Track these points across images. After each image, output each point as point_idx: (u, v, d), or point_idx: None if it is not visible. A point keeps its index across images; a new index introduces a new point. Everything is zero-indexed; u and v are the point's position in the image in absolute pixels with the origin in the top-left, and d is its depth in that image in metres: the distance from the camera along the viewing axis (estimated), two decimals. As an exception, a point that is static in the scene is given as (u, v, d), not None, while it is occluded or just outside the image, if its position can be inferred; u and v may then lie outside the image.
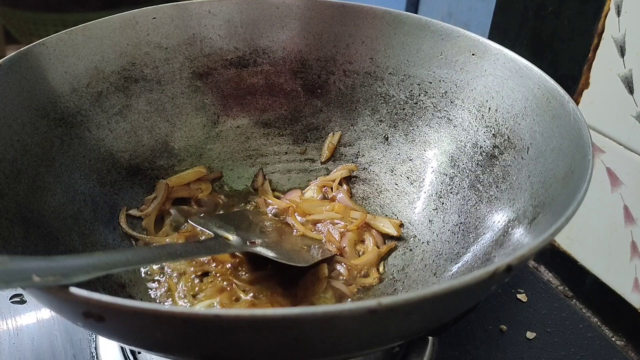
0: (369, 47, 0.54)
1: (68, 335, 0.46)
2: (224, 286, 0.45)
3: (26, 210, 0.38)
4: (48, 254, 0.38)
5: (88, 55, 0.48)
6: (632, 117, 0.49)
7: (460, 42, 0.49)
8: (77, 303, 0.23)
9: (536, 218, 0.36)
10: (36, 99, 0.43)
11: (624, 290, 0.53)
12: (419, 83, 0.52)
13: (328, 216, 0.52)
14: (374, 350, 0.39)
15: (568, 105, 0.38)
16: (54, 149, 0.44)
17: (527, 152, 0.41)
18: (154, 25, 0.52)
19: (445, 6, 0.81)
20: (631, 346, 0.53)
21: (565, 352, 0.47)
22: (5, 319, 0.48)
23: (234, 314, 0.22)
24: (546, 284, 0.55)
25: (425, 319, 0.27)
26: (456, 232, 0.45)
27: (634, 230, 0.51)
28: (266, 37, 0.55)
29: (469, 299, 0.29)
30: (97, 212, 0.46)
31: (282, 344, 0.25)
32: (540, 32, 0.57)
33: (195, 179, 0.54)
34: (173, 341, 0.26)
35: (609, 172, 0.53)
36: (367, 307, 0.22)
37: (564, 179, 0.35)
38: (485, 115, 0.46)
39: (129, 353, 0.44)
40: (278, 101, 0.57)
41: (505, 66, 0.45)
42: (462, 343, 0.47)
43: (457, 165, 0.48)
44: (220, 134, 0.57)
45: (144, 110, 0.52)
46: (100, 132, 0.49)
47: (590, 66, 0.53)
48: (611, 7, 0.49)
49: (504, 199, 0.42)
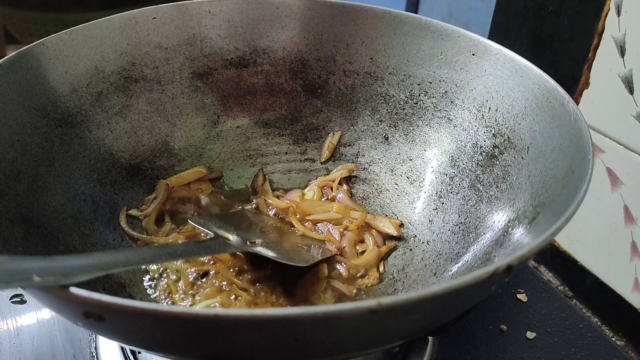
0: (369, 47, 0.54)
1: (68, 335, 0.46)
2: (223, 286, 0.45)
3: (26, 210, 0.38)
4: (48, 254, 0.38)
5: (88, 55, 0.48)
6: (632, 117, 0.49)
7: (461, 42, 0.49)
8: (77, 303, 0.23)
9: (536, 218, 0.36)
10: (36, 98, 0.43)
11: (624, 290, 0.53)
12: (419, 83, 0.52)
13: (328, 216, 0.52)
14: (374, 350, 0.39)
15: (568, 105, 0.38)
16: (54, 148, 0.44)
17: (527, 152, 0.41)
18: (154, 25, 0.52)
19: (445, 6, 0.81)
20: (631, 346, 0.53)
21: (565, 352, 0.47)
22: (5, 319, 0.48)
23: (234, 314, 0.22)
24: (546, 284, 0.55)
25: (425, 318, 0.27)
26: (456, 232, 0.45)
27: (634, 230, 0.51)
28: (266, 37, 0.55)
29: (469, 299, 0.29)
30: (97, 212, 0.46)
31: (282, 344, 0.25)
32: (540, 32, 0.57)
33: (195, 179, 0.54)
34: (173, 341, 0.26)
35: (609, 172, 0.53)
36: (367, 307, 0.22)
37: (564, 179, 0.35)
38: (486, 115, 0.46)
39: (129, 353, 0.44)
40: (278, 101, 0.57)
41: (505, 66, 0.45)
42: (462, 343, 0.47)
43: (457, 165, 0.48)
44: (221, 134, 0.57)
45: (144, 110, 0.52)
46: (101, 132, 0.49)
47: (590, 66, 0.53)
48: (611, 7, 0.49)
49: (504, 198, 0.42)
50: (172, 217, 0.51)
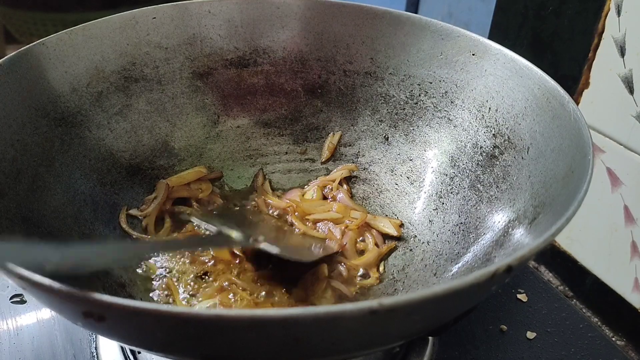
0: (369, 47, 0.54)
1: (68, 335, 0.46)
2: (224, 286, 0.45)
3: (26, 210, 0.38)
4: (48, 253, 0.38)
5: (88, 55, 0.48)
6: (632, 117, 0.49)
7: (461, 42, 0.49)
8: (77, 302, 0.23)
9: (536, 218, 0.36)
10: (36, 98, 0.43)
11: (624, 290, 0.53)
12: (419, 83, 0.52)
13: (329, 216, 0.52)
14: (374, 350, 0.39)
15: (568, 106, 0.38)
16: (54, 148, 0.44)
17: (527, 152, 0.41)
18: (154, 25, 0.52)
19: (445, 6, 0.81)
20: (631, 346, 0.53)
21: (565, 352, 0.47)
22: (5, 319, 0.47)
23: (235, 314, 0.22)
24: (546, 284, 0.55)
25: (426, 319, 0.27)
26: (456, 232, 0.45)
27: (634, 230, 0.51)
28: (266, 37, 0.55)
29: (469, 300, 0.29)
30: (97, 212, 0.46)
31: (282, 344, 0.25)
32: (540, 32, 0.57)
33: (196, 179, 0.54)
34: (173, 341, 0.26)
35: (609, 172, 0.53)
36: (368, 308, 0.22)
37: (564, 179, 0.35)
38: (486, 116, 0.46)
39: (129, 353, 0.44)
40: (278, 101, 0.57)
41: (505, 66, 0.45)
42: (462, 343, 0.47)
43: (457, 165, 0.48)
44: (221, 134, 0.57)
45: (144, 110, 0.52)
46: (101, 132, 0.49)
47: (590, 66, 0.53)
48: (611, 7, 0.49)
49: (504, 199, 0.42)
50: (172, 217, 0.51)
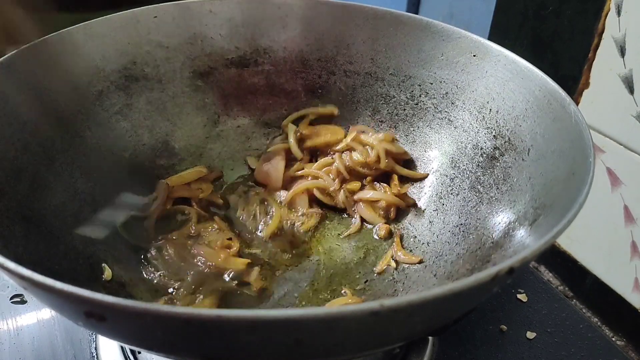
0: (370, 48, 0.54)
1: (68, 335, 0.46)
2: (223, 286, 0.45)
3: (26, 209, 0.38)
4: (48, 253, 0.38)
5: (89, 53, 0.48)
6: (632, 117, 0.49)
7: (461, 43, 0.49)
8: (78, 303, 0.23)
9: (537, 220, 0.36)
10: (37, 97, 0.43)
11: (624, 290, 0.54)
12: (419, 84, 0.52)
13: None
14: (375, 351, 0.39)
15: (569, 107, 0.38)
16: (54, 147, 0.44)
17: (527, 154, 0.41)
18: (155, 24, 0.52)
19: (446, 7, 0.81)
20: (631, 346, 0.53)
21: (565, 352, 0.47)
22: (5, 319, 0.47)
23: (236, 315, 0.22)
24: (546, 284, 0.55)
25: (426, 320, 0.27)
26: (456, 233, 0.45)
27: (634, 230, 0.51)
28: (267, 36, 0.55)
29: (471, 301, 0.29)
30: (97, 212, 0.46)
31: (283, 345, 0.25)
32: (541, 32, 0.57)
33: (196, 179, 0.54)
34: (174, 341, 0.26)
35: (609, 172, 0.53)
36: (369, 309, 0.22)
37: (565, 181, 0.35)
38: (486, 117, 0.46)
39: (129, 353, 0.44)
40: (279, 101, 0.57)
41: (506, 68, 0.45)
42: (462, 343, 0.47)
43: (457, 166, 0.48)
44: (221, 134, 0.57)
45: (144, 109, 0.52)
46: (101, 131, 0.49)
47: (590, 66, 0.53)
48: (611, 7, 0.49)
49: (504, 200, 0.42)
50: (172, 217, 0.51)
